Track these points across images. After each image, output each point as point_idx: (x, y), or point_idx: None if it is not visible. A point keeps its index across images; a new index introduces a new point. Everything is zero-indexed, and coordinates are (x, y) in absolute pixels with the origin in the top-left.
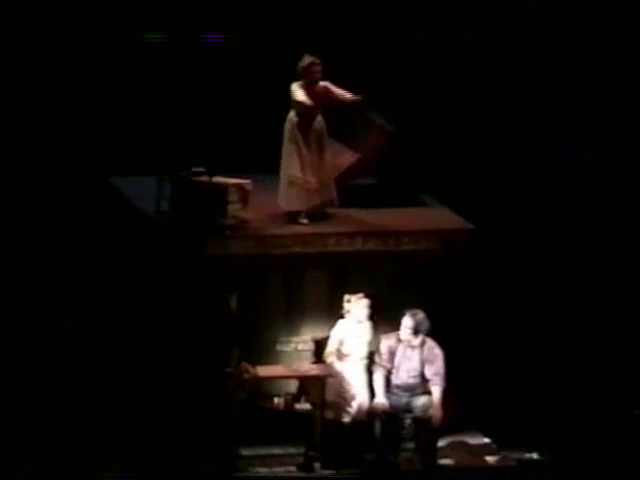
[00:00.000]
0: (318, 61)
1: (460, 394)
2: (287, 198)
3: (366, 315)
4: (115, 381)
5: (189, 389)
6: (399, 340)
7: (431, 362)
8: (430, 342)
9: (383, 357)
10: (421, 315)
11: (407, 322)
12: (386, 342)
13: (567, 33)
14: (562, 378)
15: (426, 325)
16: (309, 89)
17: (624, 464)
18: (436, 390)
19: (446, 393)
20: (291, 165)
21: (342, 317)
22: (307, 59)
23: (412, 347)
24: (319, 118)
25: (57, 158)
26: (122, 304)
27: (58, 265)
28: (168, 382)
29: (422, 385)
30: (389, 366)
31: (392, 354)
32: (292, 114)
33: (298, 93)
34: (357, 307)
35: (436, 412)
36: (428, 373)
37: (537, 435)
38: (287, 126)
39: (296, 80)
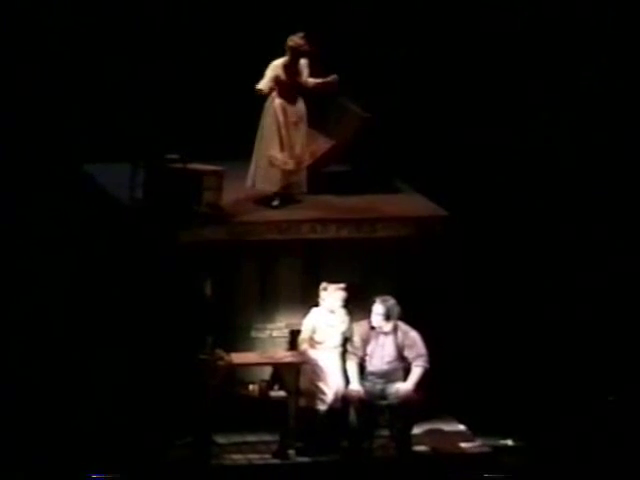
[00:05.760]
0: (304, 41)
1: (435, 381)
2: (259, 178)
3: (339, 306)
4: (88, 368)
5: (163, 376)
6: (371, 327)
7: (410, 346)
8: (403, 326)
9: (355, 345)
10: (392, 301)
11: (378, 309)
12: (358, 329)
13: (537, 20)
14: (537, 364)
15: (397, 311)
16: (292, 67)
17: (598, 450)
18: (416, 371)
19: (424, 377)
20: (271, 145)
21: (316, 305)
22: (297, 37)
23: (385, 333)
24: (300, 100)
25: (30, 145)
26: (95, 291)
27: (31, 253)
28: (142, 369)
29: (398, 371)
30: (361, 354)
31: (365, 341)
32: (274, 93)
33: (267, 74)
34: (332, 297)
35: (407, 386)
36: (410, 357)
37: (512, 422)
38: (268, 105)
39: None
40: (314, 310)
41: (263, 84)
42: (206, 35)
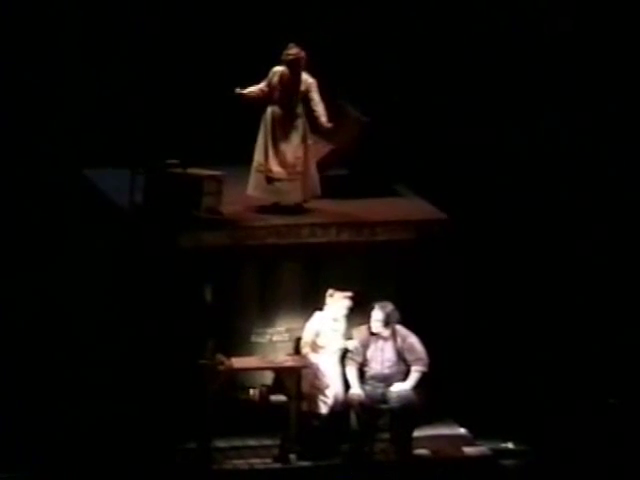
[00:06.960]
0: (300, 52)
1: (436, 384)
2: (250, 184)
3: (343, 314)
4: (87, 373)
5: (163, 381)
6: (370, 333)
7: (410, 351)
8: (402, 331)
9: (355, 350)
10: (390, 307)
11: (377, 315)
12: (357, 335)
13: (530, 22)
14: (537, 368)
15: (396, 316)
16: (291, 78)
17: (599, 453)
18: (414, 375)
19: (423, 381)
20: (258, 152)
21: (317, 309)
22: (290, 48)
23: (384, 338)
24: (298, 109)
25: (30, 150)
26: (95, 296)
27: (31, 258)
28: (142, 374)
29: (398, 375)
30: (359, 359)
31: (364, 347)
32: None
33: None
34: (337, 305)
35: (404, 386)
36: (410, 360)
37: (513, 425)
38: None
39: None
40: (318, 314)
41: (253, 87)
42: (208, 40)
